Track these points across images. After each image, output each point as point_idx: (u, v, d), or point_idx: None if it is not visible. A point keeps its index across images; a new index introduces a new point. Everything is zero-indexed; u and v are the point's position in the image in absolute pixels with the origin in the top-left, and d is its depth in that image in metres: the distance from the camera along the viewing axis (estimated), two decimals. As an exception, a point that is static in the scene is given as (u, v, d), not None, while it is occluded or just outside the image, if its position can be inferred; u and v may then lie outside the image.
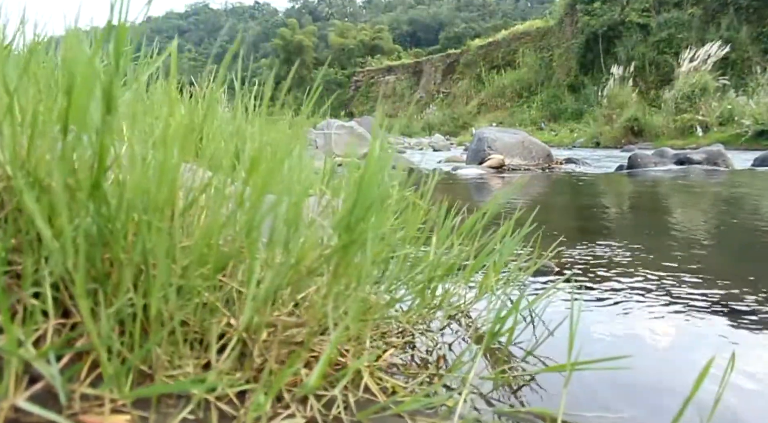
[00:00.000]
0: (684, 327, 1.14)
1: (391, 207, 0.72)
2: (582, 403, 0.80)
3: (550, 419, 0.71)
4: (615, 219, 2.92)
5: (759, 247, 2.06)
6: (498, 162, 5.54)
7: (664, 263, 1.66)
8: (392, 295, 0.79)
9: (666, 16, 22.82)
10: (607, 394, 0.83)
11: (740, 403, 0.79)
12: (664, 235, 2.37)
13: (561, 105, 24.79)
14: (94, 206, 0.54)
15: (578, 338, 1.02)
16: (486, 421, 0.67)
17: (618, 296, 1.34)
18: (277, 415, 0.60)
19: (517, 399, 0.78)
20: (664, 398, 0.77)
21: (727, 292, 1.37)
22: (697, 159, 6.11)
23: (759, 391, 0.83)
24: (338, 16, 74.84)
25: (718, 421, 0.72)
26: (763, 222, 2.63)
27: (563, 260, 1.70)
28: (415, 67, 38.36)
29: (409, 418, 0.68)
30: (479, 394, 0.79)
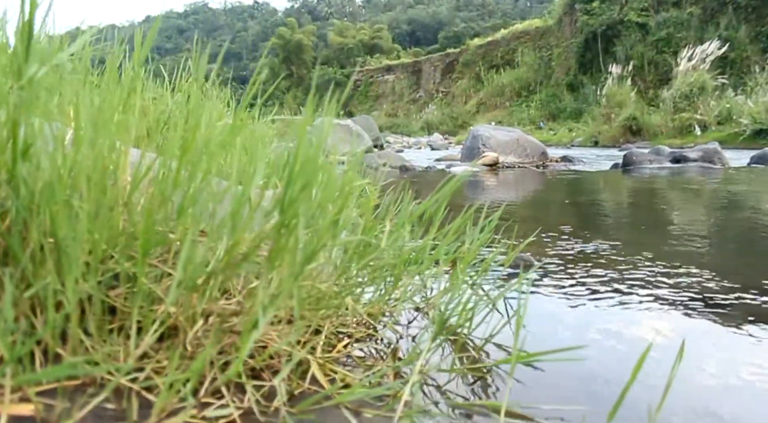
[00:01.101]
0: (662, 320, 1.11)
1: (344, 194, 0.69)
2: (543, 397, 0.77)
3: (509, 413, 0.68)
4: (603, 215, 2.89)
5: (747, 240, 2.04)
6: (492, 160, 5.51)
7: (648, 257, 1.64)
8: (347, 283, 0.76)
9: (665, 15, 22.79)
10: (571, 387, 0.81)
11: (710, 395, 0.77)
12: (650, 230, 2.35)
13: (560, 104, 24.76)
14: (12, 187, 0.51)
15: (551, 331, 1.00)
16: (432, 412, 0.64)
17: (595, 288, 1.32)
18: (209, 405, 0.58)
19: (474, 391, 0.76)
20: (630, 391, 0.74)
21: (708, 284, 1.35)
22: (692, 157, 6.08)
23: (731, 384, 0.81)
24: (337, 15, 74.80)
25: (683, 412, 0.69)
26: (753, 217, 2.60)
27: (547, 254, 1.67)
28: (414, 66, 38.32)
29: (355, 409, 0.66)
30: (436, 386, 0.76)
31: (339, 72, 42.83)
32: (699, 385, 0.79)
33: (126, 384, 0.53)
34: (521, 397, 0.77)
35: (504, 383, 0.80)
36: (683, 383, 0.76)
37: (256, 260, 0.59)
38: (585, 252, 1.72)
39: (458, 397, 0.74)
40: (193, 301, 0.57)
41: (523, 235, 1.40)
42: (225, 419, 0.58)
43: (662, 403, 0.53)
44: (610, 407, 0.74)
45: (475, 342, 0.95)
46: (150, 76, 1.48)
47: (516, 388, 0.79)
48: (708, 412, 0.68)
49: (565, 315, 1.15)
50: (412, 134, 26.44)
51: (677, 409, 0.66)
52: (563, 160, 6.54)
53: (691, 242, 1.94)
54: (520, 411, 0.68)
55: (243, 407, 0.60)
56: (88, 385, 0.52)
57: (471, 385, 0.77)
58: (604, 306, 1.20)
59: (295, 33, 47.39)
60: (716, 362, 0.89)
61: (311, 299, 0.72)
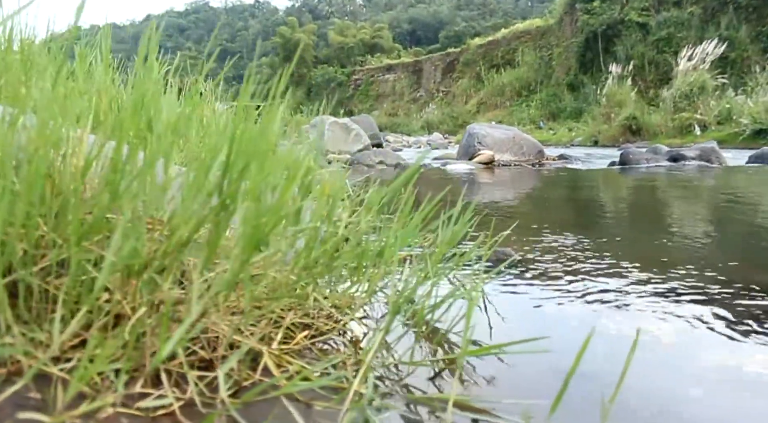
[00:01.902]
0: (640, 315, 1.09)
1: (299, 178, 0.67)
2: (511, 391, 0.75)
3: (464, 406, 0.66)
4: (594, 211, 2.87)
5: (734, 236, 2.02)
6: (488, 158, 5.49)
7: (632, 253, 1.62)
8: (306, 273, 0.74)
9: (665, 15, 22.74)
10: (542, 381, 0.79)
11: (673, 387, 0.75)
12: (638, 225, 2.33)
13: (560, 104, 24.71)
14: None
15: (530, 325, 0.97)
16: (381, 404, 0.62)
17: (575, 284, 1.30)
18: (147, 396, 0.56)
19: (435, 384, 0.73)
20: (591, 384, 0.72)
21: (688, 279, 1.33)
22: (690, 156, 6.06)
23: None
24: (338, 14, 74.74)
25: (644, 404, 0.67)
26: (745, 212, 2.58)
27: (532, 249, 1.65)
28: (414, 65, 38.27)
29: (307, 401, 0.64)
30: (396, 379, 0.74)
31: (339, 71, 42.77)
32: (667, 381, 0.77)
33: (56, 373, 0.51)
34: (488, 391, 0.75)
35: (471, 376, 0.77)
36: (647, 378, 0.74)
37: (197, 246, 0.56)
38: (572, 247, 1.70)
39: (417, 390, 0.72)
40: (131, 288, 0.55)
41: (509, 231, 1.38)
42: (164, 410, 0.56)
43: (615, 396, 0.50)
44: (577, 401, 0.72)
45: (443, 334, 0.93)
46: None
47: (484, 382, 0.77)
48: (664, 409, 0.66)
49: (546, 309, 1.13)
50: (413, 134, 26.40)
51: (633, 403, 0.64)
52: (560, 159, 6.51)
53: (674, 237, 1.92)
54: (477, 405, 0.65)
55: (184, 398, 0.57)
56: (14, 375, 0.50)
57: (432, 378, 0.74)
58: (587, 301, 1.18)
59: (295, 32, 47.34)
60: (691, 358, 0.87)
61: (267, 289, 0.70)
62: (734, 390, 0.76)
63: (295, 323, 0.82)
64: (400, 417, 0.63)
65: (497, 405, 0.68)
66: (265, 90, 0.62)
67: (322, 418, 0.61)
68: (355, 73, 41.40)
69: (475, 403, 0.65)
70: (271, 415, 0.55)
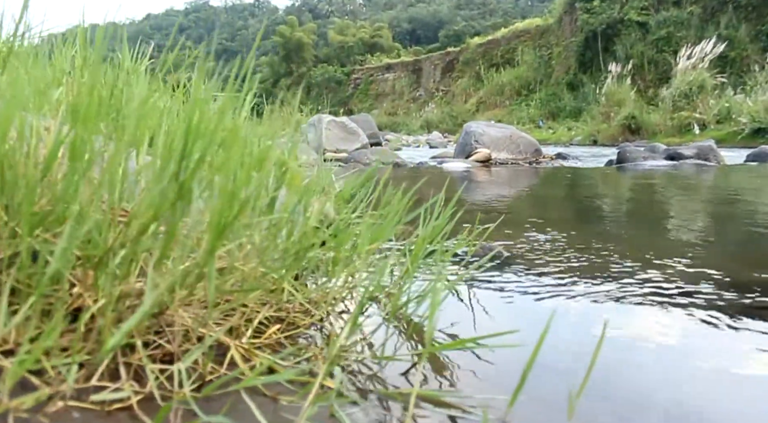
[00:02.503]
0: (630, 313, 1.08)
1: (268, 169, 0.66)
2: (486, 386, 0.74)
3: (431, 401, 0.65)
4: (586, 208, 2.86)
5: (725, 232, 2.00)
6: (484, 156, 5.47)
7: (621, 249, 1.60)
8: (277, 265, 0.73)
9: (665, 14, 22.71)
10: (508, 375, 0.77)
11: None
12: (629, 223, 2.31)
13: (560, 103, 24.67)
14: None
15: (513, 321, 0.96)
16: (345, 397, 0.61)
17: (562, 279, 1.29)
18: (104, 389, 0.55)
19: (409, 379, 0.72)
20: (563, 379, 0.71)
21: (666, 274, 1.31)
22: (687, 154, 6.04)
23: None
24: (338, 13, 74.67)
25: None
26: (737, 208, 2.57)
27: (521, 245, 1.63)
28: (414, 65, 38.22)
29: (273, 396, 0.63)
30: (369, 374, 0.73)
31: (339, 70, 42.70)
32: (643, 376, 0.75)
33: (5, 364, 0.49)
34: (465, 386, 0.73)
35: (447, 370, 0.76)
36: (620, 375, 0.73)
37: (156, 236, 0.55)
38: (561, 244, 1.68)
39: (391, 384, 0.70)
40: (88, 278, 0.54)
41: (502, 228, 1.37)
42: (121, 404, 0.54)
43: (582, 390, 0.49)
44: (551, 396, 0.71)
45: (420, 327, 0.92)
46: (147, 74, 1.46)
47: (460, 376, 0.76)
48: (634, 402, 0.65)
49: (530, 306, 1.12)
50: (412, 133, 26.35)
51: (604, 397, 0.63)
52: (557, 157, 6.50)
53: (667, 233, 1.91)
54: (447, 400, 0.64)
55: (143, 392, 0.56)
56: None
57: (405, 373, 0.73)
58: (573, 297, 1.16)
59: (295, 31, 47.26)
60: (668, 354, 0.86)
61: (236, 281, 0.69)
62: (716, 387, 0.75)
63: (268, 318, 0.81)
64: (365, 411, 0.61)
65: (468, 399, 0.66)
66: (233, 77, 0.61)
67: (287, 412, 0.60)
68: (354, 73, 41.34)
69: (445, 397, 0.64)
70: (227, 406, 0.54)
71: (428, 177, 4.43)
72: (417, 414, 0.62)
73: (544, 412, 0.59)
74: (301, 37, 46.08)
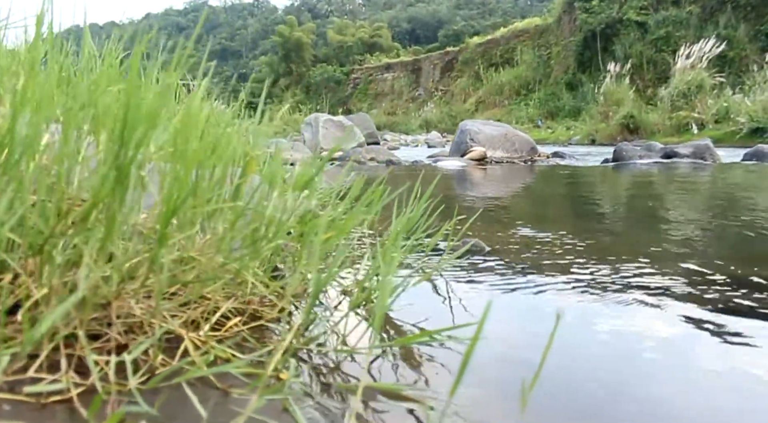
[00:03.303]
0: (603, 306, 1.06)
1: (225, 157, 0.64)
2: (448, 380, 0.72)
3: (392, 395, 0.63)
4: (578, 206, 2.84)
5: (710, 227, 1.98)
6: (479, 154, 5.45)
7: (599, 246, 1.58)
8: (237, 256, 0.71)
9: (664, 14, 22.71)
10: (489, 370, 0.76)
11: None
12: (619, 219, 2.29)
13: (559, 103, 24.65)
14: None
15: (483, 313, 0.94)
16: (292, 390, 0.59)
17: (543, 275, 1.27)
18: (40, 380, 0.53)
19: (371, 372, 0.70)
20: (520, 371, 0.69)
21: (642, 269, 1.29)
22: (683, 153, 6.02)
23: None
24: (337, 13, 74.62)
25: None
26: (729, 204, 2.55)
27: (506, 241, 1.62)
28: (413, 64, 38.19)
29: (225, 388, 0.61)
30: (330, 366, 0.71)
31: (338, 70, 42.66)
32: (604, 368, 0.73)
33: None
34: (431, 379, 0.71)
35: (414, 364, 0.74)
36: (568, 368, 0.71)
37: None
38: (547, 239, 1.66)
39: (353, 377, 0.68)
40: (28, 266, 0.52)
41: (482, 223, 1.35)
42: (59, 396, 0.52)
43: (534, 382, 0.47)
44: (516, 390, 0.69)
45: (395, 322, 0.90)
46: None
47: (427, 369, 0.74)
48: (586, 393, 0.63)
49: (510, 301, 1.10)
50: (411, 132, 26.31)
51: (559, 389, 0.61)
52: (554, 156, 6.48)
53: (653, 230, 1.89)
54: (408, 393, 0.62)
55: (85, 384, 0.54)
56: None
57: (367, 366, 0.71)
58: (551, 292, 1.14)
59: (294, 31, 47.20)
60: (655, 349, 0.84)
61: (189, 271, 0.67)
62: (694, 384, 0.73)
63: (233, 310, 0.79)
64: (319, 404, 0.60)
65: (430, 393, 0.64)
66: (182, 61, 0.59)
67: (237, 405, 0.58)
68: (353, 72, 41.30)
69: (405, 391, 0.62)
70: (163, 397, 0.52)
71: (420, 174, 4.40)
72: (374, 407, 0.60)
73: (496, 403, 0.57)
74: (300, 37, 46.05)
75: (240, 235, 0.67)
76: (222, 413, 0.55)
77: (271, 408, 0.58)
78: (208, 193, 0.63)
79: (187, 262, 0.68)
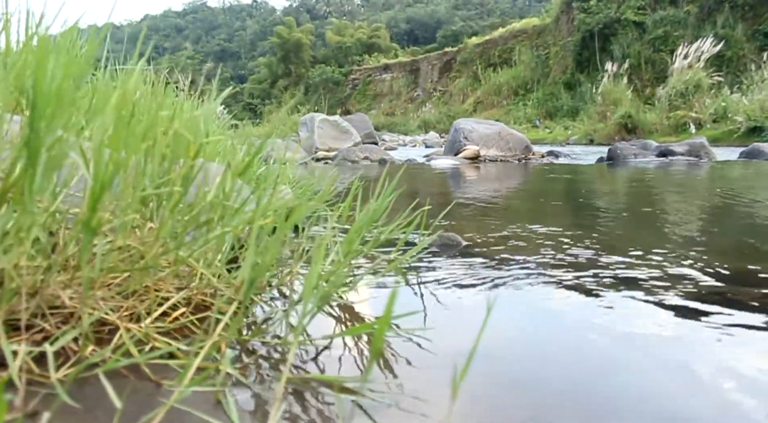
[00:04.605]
0: (574, 299, 1.04)
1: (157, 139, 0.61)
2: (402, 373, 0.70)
3: (337, 388, 0.61)
4: (561, 202, 2.81)
5: (710, 224, 1.96)
6: (473, 153, 5.42)
7: (581, 240, 1.56)
8: (178, 243, 0.68)
9: (662, 13, 22.71)
10: (438, 362, 0.73)
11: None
12: (607, 215, 2.27)
13: (557, 102, 24.64)
14: None
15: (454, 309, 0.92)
16: (214, 381, 0.57)
17: (521, 269, 1.24)
18: (-48, 371, 0.50)
19: (318, 366, 0.68)
20: (488, 366, 0.67)
21: (622, 260, 1.27)
22: (679, 151, 6.00)
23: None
24: (336, 14, 74.62)
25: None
26: (722, 201, 2.53)
27: (486, 236, 1.59)
28: (412, 65, 38.19)
29: (157, 380, 0.58)
30: (276, 358, 0.68)
31: (337, 71, 42.65)
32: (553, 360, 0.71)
33: None
34: (381, 371, 0.69)
35: (364, 355, 0.72)
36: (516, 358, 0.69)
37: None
38: (529, 235, 1.64)
39: (301, 370, 0.66)
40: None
41: (466, 219, 1.33)
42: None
43: (466, 370, 0.45)
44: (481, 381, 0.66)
45: (360, 315, 0.88)
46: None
47: (387, 363, 0.72)
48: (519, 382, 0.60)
49: (478, 295, 1.08)
50: (410, 133, 26.29)
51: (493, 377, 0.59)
52: (549, 155, 6.46)
53: (641, 225, 1.86)
54: (349, 386, 0.60)
55: (1, 375, 0.52)
56: None
57: (315, 358, 0.69)
58: (526, 287, 1.12)
59: (293, 32, 47.20)
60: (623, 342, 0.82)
61: (127, 259, 0.64)
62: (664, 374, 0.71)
63: (180, 302, 0.77)
64: (255, 396, 0.57)
65: (374, 386, 0.62)
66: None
67: (165, 397, 0.55)
68: (352, 73, 41.28)
69: (349, 384, 0.60)
70: (88, 391, 0.50)
71: (411, 172, 4.39)
72: (309, 398, 0.57)
73: (433, 392, 0.55)
74: (299, 38, 46.05)
75: (181, 224, 0.65)
76: (150, 405, 0.53)
77: (204, 400, 0.56)
78: (141, 179, 0.61)
79: (127, 251, 0.65)
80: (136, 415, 0.50)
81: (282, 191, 1.37)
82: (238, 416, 0.52)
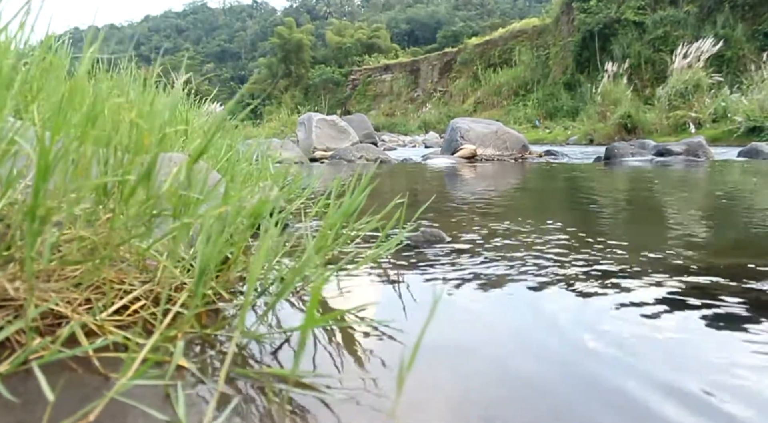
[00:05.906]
0: (549, 298, 1.02)
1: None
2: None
3: (291, 382, 0.59)
4: (557, 200, 2.79)
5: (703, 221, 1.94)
6: (470, 152, 5.41)
7: (568, 237, 1.54)
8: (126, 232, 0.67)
9: (662, 13, 22.69)
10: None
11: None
12: (593, 212, 2.25)
13: (557, 103, 24.62)
14: None
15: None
16: (157, 374, 0.55)
17: (502, 265, 1.23)
18: None
19: (277, 359, 0.66)
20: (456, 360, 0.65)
21: (611, 258, 1.26)
22: (676, 150, 5.98)
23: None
24: (336, 14, 74.64)
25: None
26: (717, 198, 2.51)
27: (472, 232, 1.57)
28: (412, 65, 38.18)
29: (107, 374, 0.57)
30: (233, 352, 0.67)
31: (337, 71, 42.63)
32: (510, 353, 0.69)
33: None
34: (353, 367, 0.67)
35: (334, 350, 0.70)
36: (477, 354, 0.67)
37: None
38: (516, 232, 1.62)
39: (264, 364, 0.64)
40: None
41: (453, 217, 1.31)
42: None
43: (411, 363, 0.43)
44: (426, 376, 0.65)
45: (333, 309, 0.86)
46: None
47: (347, 357, 0.70)
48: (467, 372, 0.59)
49: (458, 290, 1.06)
50: (410, 133, 26.28)
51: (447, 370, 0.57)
52: (546, 154, 6.44)
53: (631, 222, 1.84)
54: (306, 380, 0.58)
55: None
56: None
57: (275, 352, 0.67)
58: (508, 281, 1.11)
59: (293, 32, 47.17)
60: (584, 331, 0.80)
61: (85, 250, 0.63)
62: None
63: (143, 295, 0.75)
64: (208, 390, 0.56)
65: (324, 379, 0.60)
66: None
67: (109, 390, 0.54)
68: (352, 73, 41.26)
69: (307, 378, 0.58)
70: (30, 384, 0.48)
71: (406, 171, 4.37)
72: (263, 395, 0.56)
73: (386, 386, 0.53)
74: (299, 39, 46.05)
75: (136, 214, 0.63)
76: (94, 399, 0.51)
77: (153, 394, 0.54)
78: (100, 168, 0.59)
79: (81, 241, 0.64)
80: (77, 408, 0.49)
81: (264, 187, 1.35)
82: (186, 411, 0.51)
